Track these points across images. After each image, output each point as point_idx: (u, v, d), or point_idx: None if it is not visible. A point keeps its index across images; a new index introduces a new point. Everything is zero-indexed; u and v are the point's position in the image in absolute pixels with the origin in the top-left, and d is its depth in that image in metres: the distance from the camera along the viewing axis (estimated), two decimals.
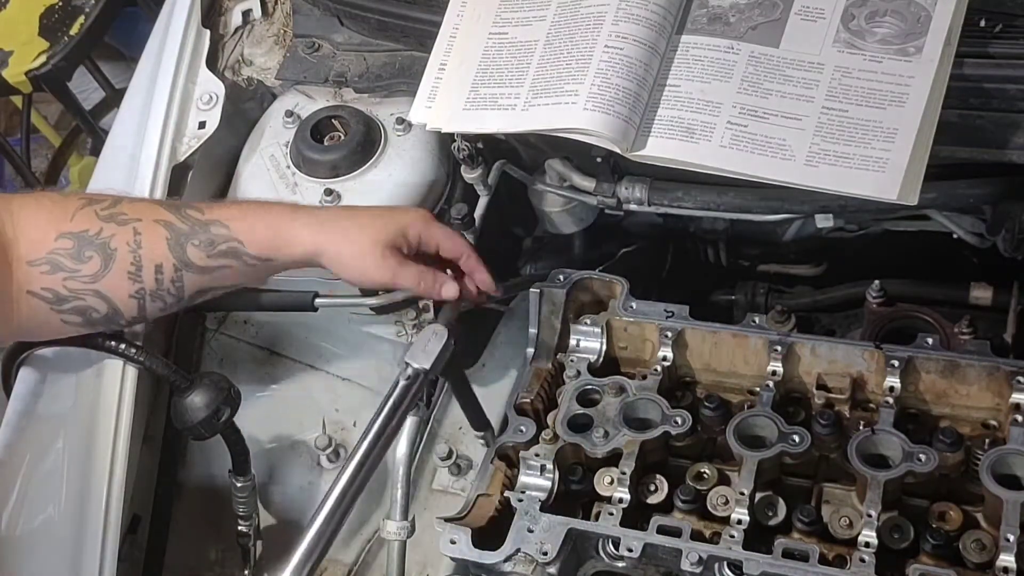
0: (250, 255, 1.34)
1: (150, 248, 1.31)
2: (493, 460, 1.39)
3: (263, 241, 1.34)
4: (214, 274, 1.34)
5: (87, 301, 1.31)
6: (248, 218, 1.35)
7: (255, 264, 1.34)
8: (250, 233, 1.33)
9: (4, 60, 2.36)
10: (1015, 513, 1.18)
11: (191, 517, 1.62)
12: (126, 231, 1.31)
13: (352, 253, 1.33)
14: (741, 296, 1.82)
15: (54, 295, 1.30)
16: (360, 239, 1.34)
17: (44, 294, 1.29)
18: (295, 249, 1.34)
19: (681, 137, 1.37)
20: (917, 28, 1.32)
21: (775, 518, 1.28)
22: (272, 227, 1.34)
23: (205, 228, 1.33)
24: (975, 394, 1.33)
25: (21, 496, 1.37)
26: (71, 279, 1.30)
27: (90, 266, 1.30)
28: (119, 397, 1.45)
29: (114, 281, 1.31)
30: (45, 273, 1.29)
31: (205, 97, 1.72)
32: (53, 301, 1.30)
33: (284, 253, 1.34)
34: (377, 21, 1.68)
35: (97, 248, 1.30)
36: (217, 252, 1.33)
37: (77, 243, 1.30)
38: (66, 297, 1.30)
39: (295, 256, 1.34)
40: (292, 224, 1.35)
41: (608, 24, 1.42)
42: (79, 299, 1.31)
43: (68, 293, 1.30)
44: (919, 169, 1.27)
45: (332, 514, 1.20)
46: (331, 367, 1.71)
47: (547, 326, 1.47)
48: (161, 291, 1.33)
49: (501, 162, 1.63)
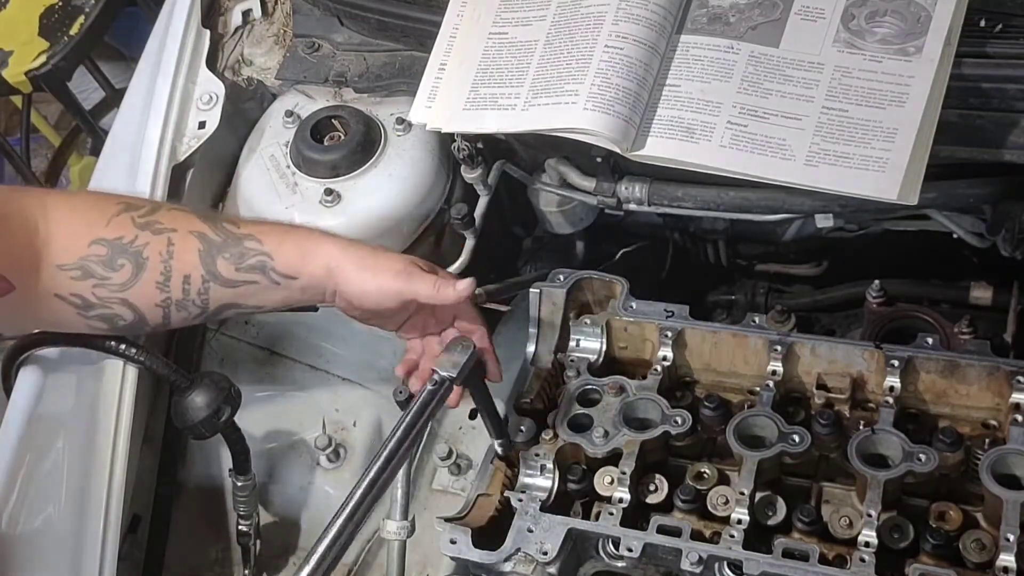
0: (276, 271, 1.33)
1: (181, 259, 1.31)
2: (493, 460, 1.39)
3: (290, 257, 1.33)
4: (239, 289, 1.33)
5: (114, 309, 1.31)
6: (279, 234, 1.34)
7: (280, 282, 1.33)
8: (279, 248, 1.33)
9: (4, 60, 2.36)
10: (1015, 513, 1.18)
11: (191, 517, 1.62)
12: (160, 241, 1.31)
13: (370, 264, 1.32)
14: (741, 296, 1.82)
15: (82, 301, 1.30)
16: (380, 260, 1.33)
17: (72, 299, 1.29)
18: (318, 261, 1.32)
19: (681, 137, 1.37)
20: (917, 28, 1.32)
21: (775, 518, 1.28)
22: (299, 244, 1.33)
23: (238, 242, 1.32)
24: (975, 394, 1.33)
25: (21, 496, 1.37)
26: (100, 287, 1.29)
27: (121, 274, 1.29)
28: (119, 397, 1.45)
29: (142, 290, 1.30)
30: (75, 279, 1.28)
31: (205, 97, 1.72)
32: (80, 307, 1.30)
33: (308, 270, 1.32)
34: (377, 21, 1.68)
35: (130, 256, 1.29)
36: (246, 266, 1.32)
37: (111, 251, 1.29)
38: (94, 304, 1.30)
39: (317, 273, 1.32)
40: (319, 240, 1.34)
41: (608, 24, 1.42)
42: (106, 307, 1.30)
43: (96, 300, 1.30)
44: (919, 169, 1.27)
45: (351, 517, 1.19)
46: (331, 367, 1.71)
47: (547, 326, 1.47)
48: (187, 301, 1.33)
49: (501, 162, 1.63)
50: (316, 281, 1.33)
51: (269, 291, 1.34)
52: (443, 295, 1.32)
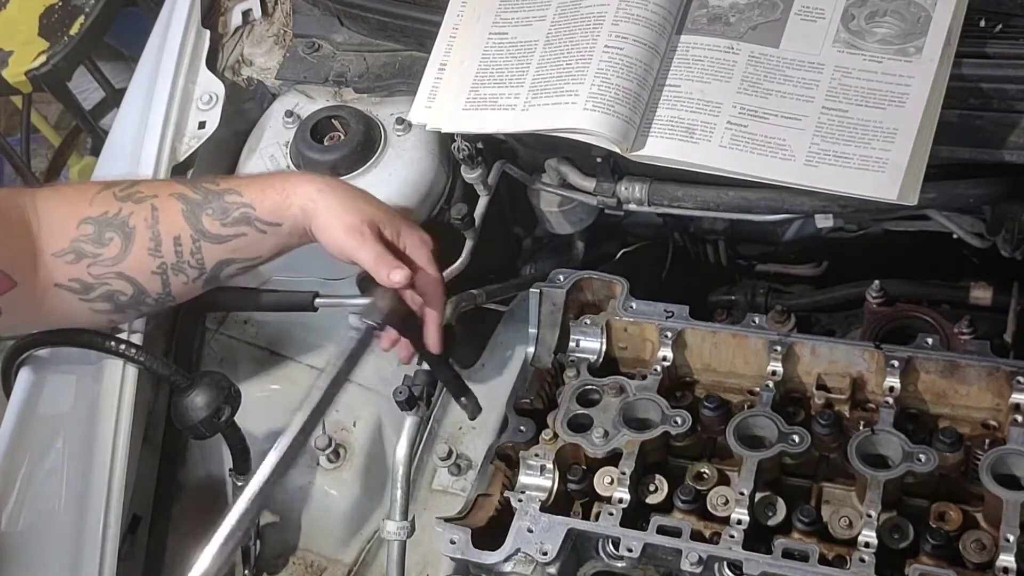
0: (261, 220, 1.34)
1: (167, 221, 1.32)
2: (493, 460, 1.40)
3: (273, 204, 1.34)
4: (230, 243, 1.34)
5: (112, 285, 1.32)
6: (259, 184, 1.36)
7: (266, 230, 1.34)
8: (260, 196, 1.34)
9: (4, 60, 2.36)
10: (1015, 513, 1.18)
11: (191, 517, 1.62)
12: (144, 208, 1.32)
13: (338, 212, 1.33)
14: (741, 296, 1.82)
15: (81, 285, 1.30)
16: (351, 204, 1.33)
17: (72, 285, 1.30)
18: (296, 202, 1.33)
19: (681, 137, 1.37)
20: (917, 28, 1.32)
21: (775, 518, 1.28)
22: (282, 189, 1.34)
23: (219, 197, 1.34)
24: (975, 394, 1.33)
25: (21, 496, 1.37)
26: (94, 264, 1.30)
27: (111, 248, 1.30)
28: (119, 397, 1.45)
29: (136, 260, 1.31)
30: (70, 263, 1.30)
31: (205, 97, 1.72)
32: (80, 291, 1.31)
33: (288, 213, 1.33)
34: (377, 21, 1.68)
35: (117, 228, 1.31)
36: (231, 220, 1.33)
37: (97, 227, 1.30)
38: (92, 285, 1.31)
39: (296, 215, 1.33)
40: (296, 181, 1.36)
41: (608, 24, 1.42)
42: (105, 284, 1.31)
43: (94, 280, 1.31)
44: (919, 169, 1.27)
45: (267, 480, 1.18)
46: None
47: (547, 326, 1.47)
48: (182, 263, 1.33)
49: (501, 162, 1.63)
50: (297, 224, 1.34)
51: (259, 241, 1.35)
52: (377, 274, 1.31)
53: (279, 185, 1.35)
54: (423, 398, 1.35)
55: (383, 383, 1.67)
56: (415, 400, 1.34)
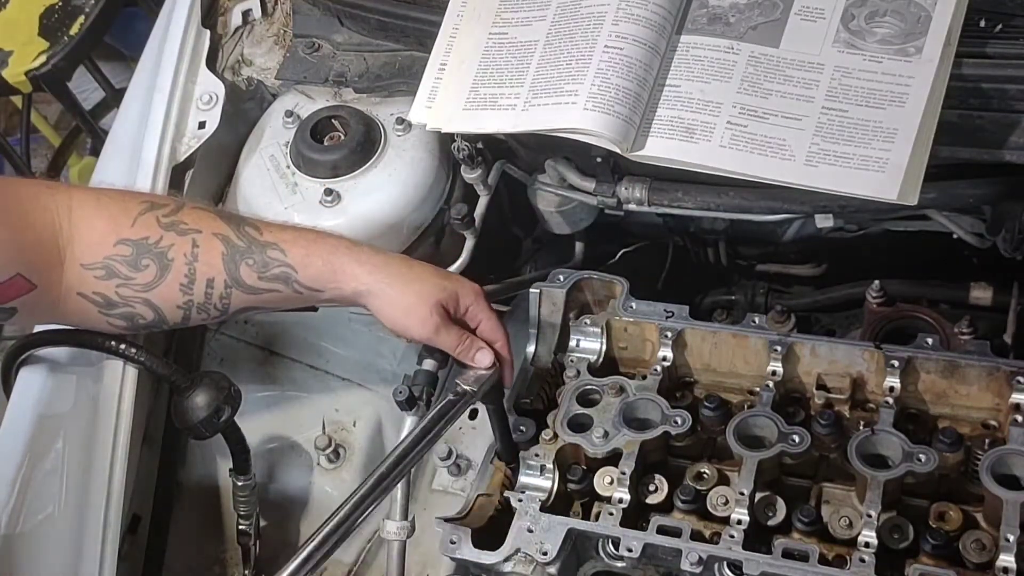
0: (301, 284, 1.33)
1: (205, 262, 1.31)
2: (493, 460, 1.40)
3: (317, 273, 1.33)
4: (262, 296, 1.34)
5: (136, 309, 1.31)
6: (304, 246, 1.34)
7: (303, 292, 1.34)
8: (305, 262, 1.32)
9: (4, 60, 2.36)
10: (1015, 513, 1.18)
11: (191, 517, 1.62)
12: (185, 242, 1.31)
13: (401, 303, 1.32)
14: (741, 296, 1.82)
15: (104, 300, 1.30)
16: (412, 290, 1.33)
17: (95, 298, 1.30)
18: (347, 285, 1.33)
19: (681, 137, 1.37)
20: (917, 28, 1.32)
21: (775, 518, 1.28)
22: (329, 262, 1.33)
23: (262, 249, 1.32)
24: (975, 394, 1.33)
25: (21, 496, 1.37)
26: (124, 286, 1.29)
27: (145, 275, 1.29)
28: (119, 397, 1.45)
29: (166, 291, 1.31)
30: (99, 278, 1.29)
31: (205, 97, 1.72)
32: (102, 305, 1.30)
33: (334, 288, 1.33)
34: (377, 21, 1.68)
35: (155, 257, 1.30)
36: (269, 275, 1.32)
37: (135, 251, 1.29)
38: (116, 303, 1.30)
39: (345, 292, 1.33)
40: (349, 261, 1.34)
41: (608, 24, 1.42)
42: (128, 306, 1.31)
43: (119, 300, 1.30)
44: (919, 169, 1.27)
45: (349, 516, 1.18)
46: (331, 367, 1.71)
47: (547, 326, 1.47)
48: (208, 305, 1.33)
49: (501, 162, 1.63)
50: (342, 298, 1.35)
51: (292, 299, 1.35)
52: (463, 359, 1.34)
53: (326, 256, 1.33)
54: (423, 398, 1.35)
55: (383, 383, 1.67)
56: (415, 400, 1.34)
